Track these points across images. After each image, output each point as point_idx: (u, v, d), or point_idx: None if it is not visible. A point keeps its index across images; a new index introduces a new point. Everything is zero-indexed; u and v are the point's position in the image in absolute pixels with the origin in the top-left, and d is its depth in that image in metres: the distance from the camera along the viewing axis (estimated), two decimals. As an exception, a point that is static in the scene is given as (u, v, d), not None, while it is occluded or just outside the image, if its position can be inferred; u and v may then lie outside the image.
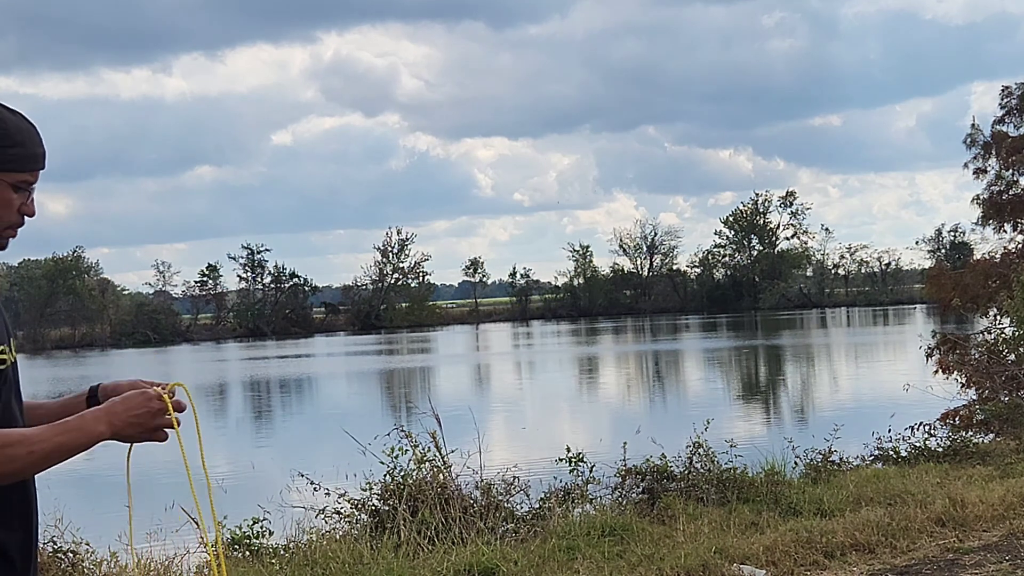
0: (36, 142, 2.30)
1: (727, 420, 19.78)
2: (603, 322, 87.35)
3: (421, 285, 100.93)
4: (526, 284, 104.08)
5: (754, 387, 32.11)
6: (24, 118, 2.30)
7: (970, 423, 13.95)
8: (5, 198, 2.27)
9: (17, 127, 2.28)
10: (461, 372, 43.86)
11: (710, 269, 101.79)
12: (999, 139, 26.01)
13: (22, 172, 2.26)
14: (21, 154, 2.26)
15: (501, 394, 33.58)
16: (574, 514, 8.30)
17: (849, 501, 8.48)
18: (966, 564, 6.59)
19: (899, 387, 15.82)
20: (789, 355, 43.22)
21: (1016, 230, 25.53)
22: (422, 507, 7.94)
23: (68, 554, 6.82)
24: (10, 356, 2.29)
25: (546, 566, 6.75)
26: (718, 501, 8.63)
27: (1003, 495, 8.09)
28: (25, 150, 2.27)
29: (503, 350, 59.47)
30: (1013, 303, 15.42)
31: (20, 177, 2.26)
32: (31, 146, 2.28)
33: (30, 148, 2.28)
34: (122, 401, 2.20)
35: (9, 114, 2.28)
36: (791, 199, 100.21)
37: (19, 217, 2.29)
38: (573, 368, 42.36)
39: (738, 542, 7.12)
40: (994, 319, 19.01)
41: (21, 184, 2.27)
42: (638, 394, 32.11)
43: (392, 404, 31.44)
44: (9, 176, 2.26)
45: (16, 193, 2.27)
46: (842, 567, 6.71)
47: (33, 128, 2.31)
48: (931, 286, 26.46)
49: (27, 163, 2.27)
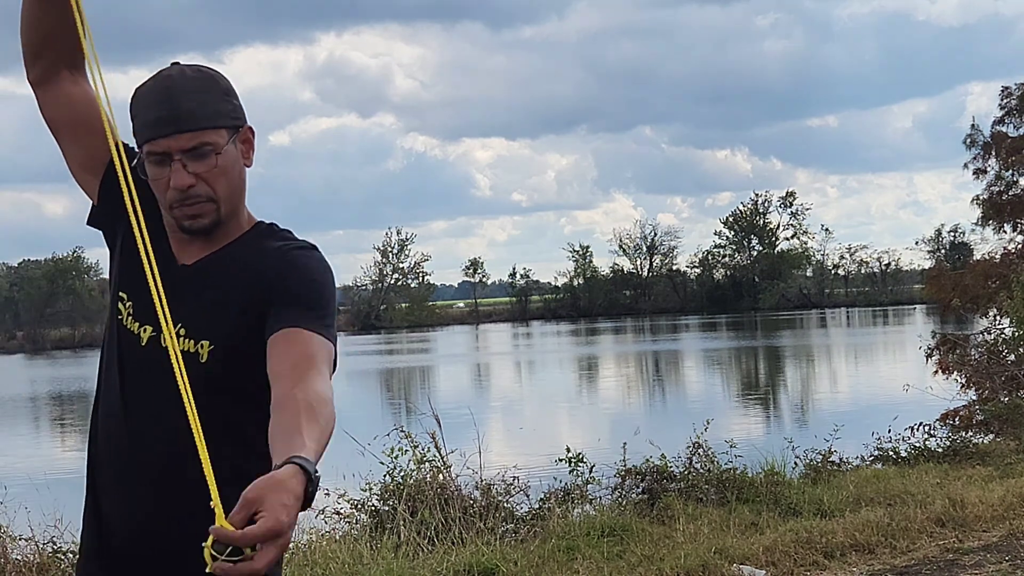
0: (151, 105, 2.08)
1: (727, 420, 19.77)
2: (603, 322, 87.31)
3: (421, 285, 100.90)
4: (526, 284, 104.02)
5: (754, 387, 32.09)
6: (159, 79, 2.10)
7: (970, 423, 13.96)
8: (150, 174, 2.10)
9: (140, 95, 2.11)
10: (461, 372, 43.83)
11: (710, 269, 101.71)
12: (999, 139, 26.02)
13: (148, 143, 2.08)
14: (139, 124, 2.10)
15: (501, 394, 33.57)
16: (574, 514, 8.30)
17: (849, 501, 8.48)
18: (966, 564, 6.59)
19: (899, 387, 15.81)
20: (789, 355, 43.21)
21: (1016, 230, 25.54)
22: (422, 507, 7.94)
23: (68, 554, 6.81)
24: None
25: (546, 566, 6.75)
26: (718, 501, 8.63)
27: (1003, 495, 8.09)
28: (140, 119, 2.10)
29: (503, 350, 59.46)
30: (1013, 303, 15.43)
31: (146, 150, 2.08)
32: (145, 112, 2.09)
33: (143, 115, 2.09)
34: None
35: (148, 82, 2.11)
36: (791, 199, 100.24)
37: (174, 192, 2.08)
38: (573, 368, 42.35)
39: (738, 542, 7.11)
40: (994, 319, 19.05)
41: (151, 157, 2.08)
42: (638, 394, 32.11)
43: (392, 404, 31.42)
44: (143, 149, 2.10)
45: (158, 167, 2.08)
46: (842, 567, 6.71)
47: (158, 89, 2.08)
48: (931, 286, 26.45)
49: (146, 131, 2.08)
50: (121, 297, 2.19)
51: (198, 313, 2.12)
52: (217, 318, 2.12)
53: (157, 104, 2.06)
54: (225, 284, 2.15)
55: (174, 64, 2.15)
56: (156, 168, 2.07)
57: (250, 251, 2.18)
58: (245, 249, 2.18)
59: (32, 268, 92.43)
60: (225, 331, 2.11)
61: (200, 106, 2.07)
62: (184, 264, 2.17)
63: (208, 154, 2.07)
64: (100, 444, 2.19)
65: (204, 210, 2.10)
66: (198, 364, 2.07)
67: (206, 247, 2.17)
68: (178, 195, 2.07)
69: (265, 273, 2.13)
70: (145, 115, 2.08)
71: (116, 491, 2.16)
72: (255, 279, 2.13)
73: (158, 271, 1.89)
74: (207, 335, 2.10)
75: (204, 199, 2.09)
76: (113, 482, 2.16)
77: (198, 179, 2.07)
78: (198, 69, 2.13)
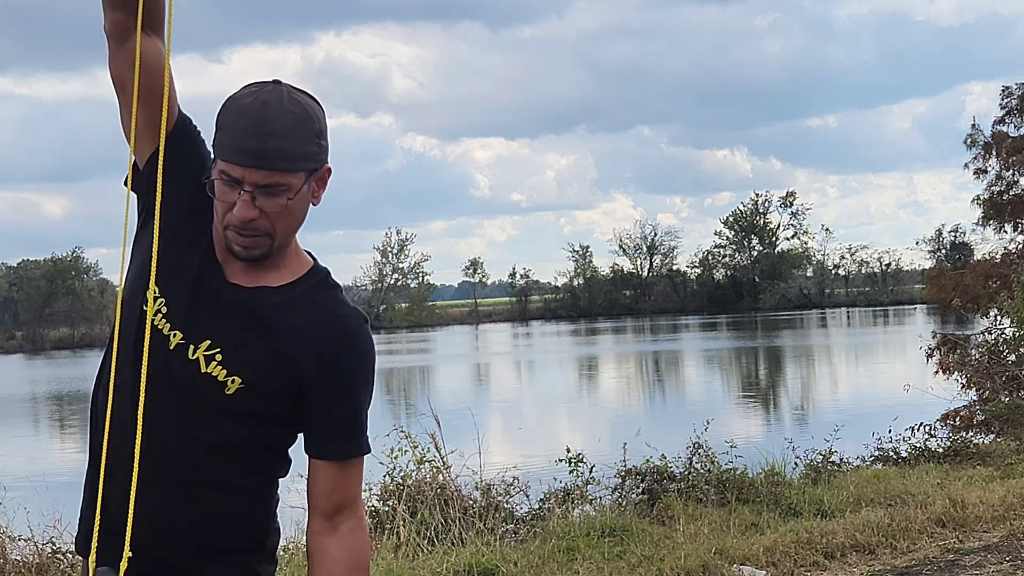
0: (240, 130, 1.99)
1: (727, 421, 19.76)
2: (603, 322, 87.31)
3: (421, 285, 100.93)
4: (526, 284, 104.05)
5: (754, 388, 32.08)
6: (257, 101, 2.00)
7: (970, 424, 13.96)
8: (217, 190, 2.04)
9: (232, 111, 2.02)
10: (461, 372, 43.84)
11: (710, 269, 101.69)
12: (999, 139, 25.98)
13: (223, 162, 2.01)
14: (222, 140, 2.02)
15: (501, 394, 33.57)
16: (574, 515, 8.29)
17: (849, 502, 8.47)
18: (966, 565, 6.58)
19: (899, 388, 15.80)
20: (789, 356, 43.21)
21: (1016, 230, 25.49)
22: (421, 508, 7.94)
23: (68, 555, 6.81)
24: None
25: (546, 567, 6.74)
26: (718, 502, 8.62)
27: (1003, 496, 8.08)
28: (226, 136, 2.01)
29: (503, 350, 59.46)
30: (1013, 303, 15.42)
31: (221, 167, 2.01)
32: (232, 133, 2.00)
33: (230, 134, 2.00)
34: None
35: (245, 97, 2.02)
36: (791, 199, 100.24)
37: (234, 218, 2.02)
38: (573, 368, 42.35)
39: (738, 543, 7.11)
40: (994, 320, 19.03)
41: (223, 175, 2.01)
42: (638, 395, 32.10)
43: (391, 404, 31.42)
44: (217, 163, 2.03)
45: (227, 188, 2.02)
46: (842, 568, 6.70)
47: (252, 115, 1.99)
48: (931, 287, 26.43)
49: (227, 152, 2.00)
50: (153, 290, 2.09)
51: (239, 347, 2.08)
52: (258, 363, 2.08)
53: (246, 132, 1.99)
54: (278, 333, 2.10)
55: (276, 83, 2.06)
56: (224, 188, 2.02)
57: (309, 306, 2.14)
58: (304, 300, 2.14)
59: (31, 268, 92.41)
60: (261, 377, 2.09)
61: (288, 147, 2.01)
62: (235, 284, 2.12)
63: (280, 194, 2.02)
64: (113, 440, 2.09)
65: (259, 243, 2.06)
66: (222, 393, 2.07)
67: (251, 268, 2.12)
68: (238, 223, 2.03)
69: (325, 347, 2.12)
70: (232, 137, 2.00)
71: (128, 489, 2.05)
72: (312, 346, 2.11)
73: (203, 277, 2.01)
74: (241, 373, 2.07)
75: (262, 233, 2.05)
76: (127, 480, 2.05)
77: (262, 214, 2.02)
78: (298, 101, 2.05)
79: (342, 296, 2.20)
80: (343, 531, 2.14)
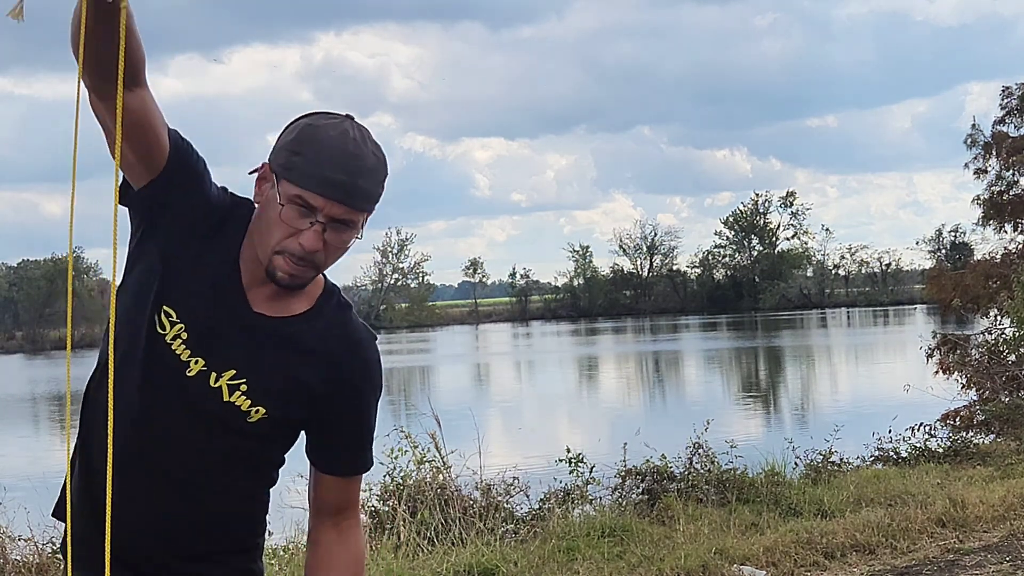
0: (332, 164, 1.97)
1: (727, 421, 19.76)
2: (603, 322, 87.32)
3: (421, 285, 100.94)
4: (526, 284, 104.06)
5: (754, 388, 32.08)
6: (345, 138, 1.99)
7: (971, 424, 13.96)
8: (279, 213, 1.99)
9: (318, 139, 1.99)
10: (461, 372, 43.85)
11: (710, 269, 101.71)
12: (999, 139, 25.98)
13: (301, 188, 1.97)
14: (301, 165, 1.98)
15: (501, 394, 33.57)
16: (574, 515, 8.30)
17: (849, 502, 8.48)
18: (966, 565, 6.58)
19: (899, 388, 15.80)
20: (789, 356, 43.21)
21: (1017, 230, 25.49)
22: (421, 508, 7.94)
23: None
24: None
25: (546, 567, 6.75)
26: (718, 502, 8.62)
27: (1003, 496, 8.09)
28: (310, 165, 1.97)
29: (503, 350, 59.47)
30: (1013, 304, 15.41)
31: (295, 191, 1.98)
32: (320, 164, 1.97)
33: (318, 165, 1.97)
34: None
35: (329, 128, 2.00)
36: (791, 199, 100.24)
37: (295, 244, 1.99)
38: (573, 368, 42.36)
39: (738, 543, 7.11)
40: (994, 320, 19.03)
41: (297, 200, 1.98)
42: (638, 395, 32.11)
43: (391, 404, 31.43)
44: (286, 186, 1.99)
45: (298, 216, 1.99)
46: (842, 568, 6.70)
47: (345, 152, 1.98)
48: (931, 287, 26.43)
49: (310, 181, 1.97)
50: (168, 313, 2.07)
51: (264, 378, 2.10)
52: (281, 394, 2.12)
53: (340, 166, 1.98)
54: (299, 361, 2.13)
55: (349, 119, 2.05)
56: (294, 213, 1.99)
57: (327, 332, 2.17)
58: (323, 328, 2.17)
59: (31, 268, 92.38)
60: (284, 407, 2.13)
61: (372, 188, 2.04)
62: (259, 312, 2.11)
63: (348, 231, 2.04)
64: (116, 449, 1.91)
65: (307, 275, 2.06)
66: (244, 420, 2.10)
67: (276, 295, 2.11)
68: (299, 252, 2.01)
69: (343, 374, 2.17)
70: (318, 167, 1.98)
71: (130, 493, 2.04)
72: (330, 373, 2.16)
73: (227, 305, 2.04)
74: (265, 404, 2.10)
75: (313, 265, 2.05)
76: (129, 486, 2.03)
77: (325, 247, 2.03)
78: (377, 144, 2.06)
79: (354, 316, 2.23)
80: (343, 528, 2.24)
